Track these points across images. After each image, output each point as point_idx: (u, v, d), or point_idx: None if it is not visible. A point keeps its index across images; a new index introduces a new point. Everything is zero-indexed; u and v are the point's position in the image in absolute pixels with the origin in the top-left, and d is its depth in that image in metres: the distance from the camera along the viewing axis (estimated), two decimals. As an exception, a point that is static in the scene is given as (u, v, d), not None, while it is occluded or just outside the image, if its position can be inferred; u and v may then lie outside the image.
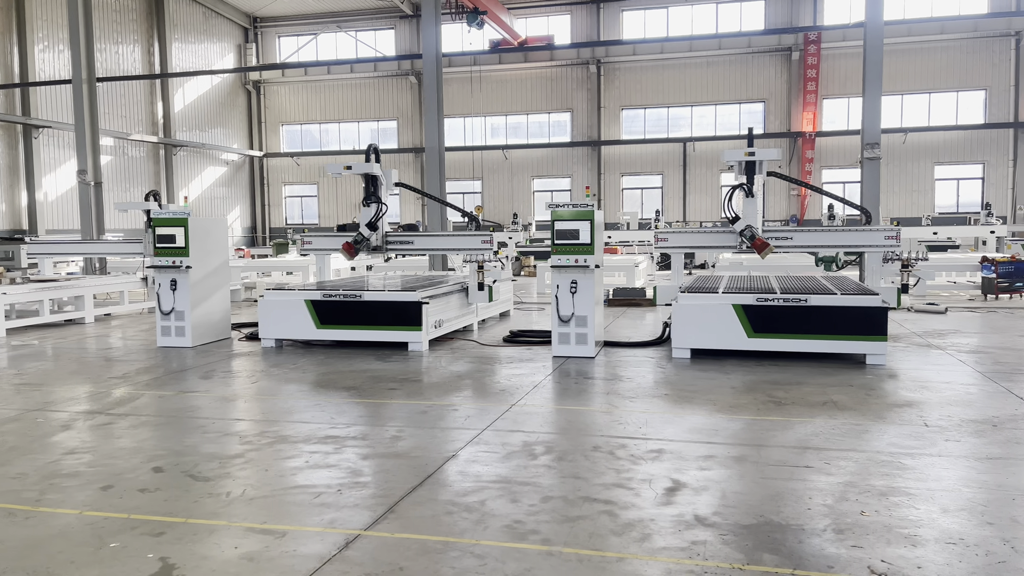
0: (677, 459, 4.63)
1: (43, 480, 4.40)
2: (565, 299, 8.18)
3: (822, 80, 29.58)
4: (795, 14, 29.68)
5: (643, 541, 3.46)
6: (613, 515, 3.76)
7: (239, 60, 35.06)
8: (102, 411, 6.07)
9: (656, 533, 3.54)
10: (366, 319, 8.90)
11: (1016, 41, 28.28)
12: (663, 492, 4.07)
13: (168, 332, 9.39)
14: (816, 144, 29.81)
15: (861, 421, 5.46)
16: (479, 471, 4.47)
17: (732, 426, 5.39)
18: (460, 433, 5.29)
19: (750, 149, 8.59)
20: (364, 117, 34.82)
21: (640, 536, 3.51)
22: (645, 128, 31.82)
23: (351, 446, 5.01)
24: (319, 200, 35.73)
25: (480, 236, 9.92)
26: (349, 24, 34.35)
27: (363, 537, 3.54)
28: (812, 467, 4.45)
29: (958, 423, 5.35)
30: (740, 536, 3.49)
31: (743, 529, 3.57)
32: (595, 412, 5.85)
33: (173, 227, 9.29)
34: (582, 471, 4.43)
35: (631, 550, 3.37)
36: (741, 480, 4.25)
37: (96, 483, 4.34)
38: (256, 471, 4.52)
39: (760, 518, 3.70)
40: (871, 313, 7.54)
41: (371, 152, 9.87)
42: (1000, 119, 28.77)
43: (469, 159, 33.22)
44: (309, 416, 5.84)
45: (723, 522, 3.65)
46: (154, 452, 4.92)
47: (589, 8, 31.57)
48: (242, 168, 35.65)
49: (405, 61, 33.06)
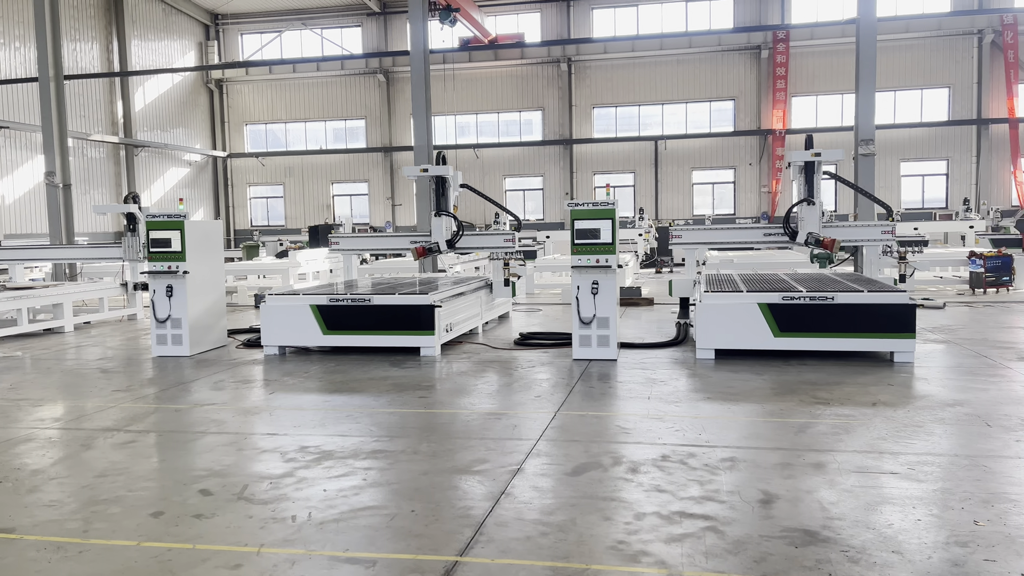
0: (754, 467, 4.44)
1: (83, 507, 4.04)
2: (586, 300, 7.97)
3: (791, 78, 29.86)
4: (763, 13, 29.91)
5: (761, 561, 3.25)
6: (719, 532, 3.55)
7: (201, 58, 34.20)
8: (118, 428, 5.68)
9: (772, 553, 3.33)
10: (375, 324, 8.58)
11: (978, 39, 28.87)
12: (758, 504, 3.87)
13: (164, 341, 8.95)
14: (786, 141, 30.08)
15: (921, 422, 5.33)
16: (554, 487, 4.23)
17: (790, 430, 5.23)
18: (514, 444, 5.03)
19: (816, 150, 8.56)
20: (331, 116, 34.23)
21: (758, 556, 3.30)
22: (616, 126, 31.81)
23: (404, 460, 4.72)
24: (285, 201, 35.03)
25: (503, 235, 10.11)
26: (314, 21, 33.73)
27: (463, 565, 3.27)
28: (897, 473, 4.30)
29: (1019, 423, 5.26)
30: (863, 552, 3.30)
31: (861, 544, 3.38)
32: (645, 418, 5.64)
33: (169, 230, 8.86)
34: (663, 483, 4.21)
35: (754, 573, 3.16)
36: (832, 489, 4.07)
37: (143, 509, 4.00)
38: (314, 491, 4.22)
39: (873, 531, 3.52)
40: (899, 310, 7.46)
41: (441, 157, 10.35)
42: (963, 116, 29.35)
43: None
44: (345, 428, 5.53)
45: (836, 536, 3.47)
46: (193, 473, 4.58)
47: (559, 6, 31.44)
48: (205, 169, 34.79)
49: (373, 59, 32.57)
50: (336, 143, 34.53)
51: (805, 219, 8.74)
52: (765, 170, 30.61)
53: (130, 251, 12.56)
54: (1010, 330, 9.46)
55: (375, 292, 8.72)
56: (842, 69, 29.73)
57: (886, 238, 9.73)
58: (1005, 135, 28.92)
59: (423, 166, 9.99)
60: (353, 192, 34.45)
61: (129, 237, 12.58)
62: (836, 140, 29.76)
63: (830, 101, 30.21)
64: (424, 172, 9.95)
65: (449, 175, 9.98)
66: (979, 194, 29.22)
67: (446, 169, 9.98)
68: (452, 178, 10.04)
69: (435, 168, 10.01)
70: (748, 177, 30.93)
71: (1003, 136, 28.99)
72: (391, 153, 33.54)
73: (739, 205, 31.07)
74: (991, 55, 28.89)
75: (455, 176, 10.11)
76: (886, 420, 5.41)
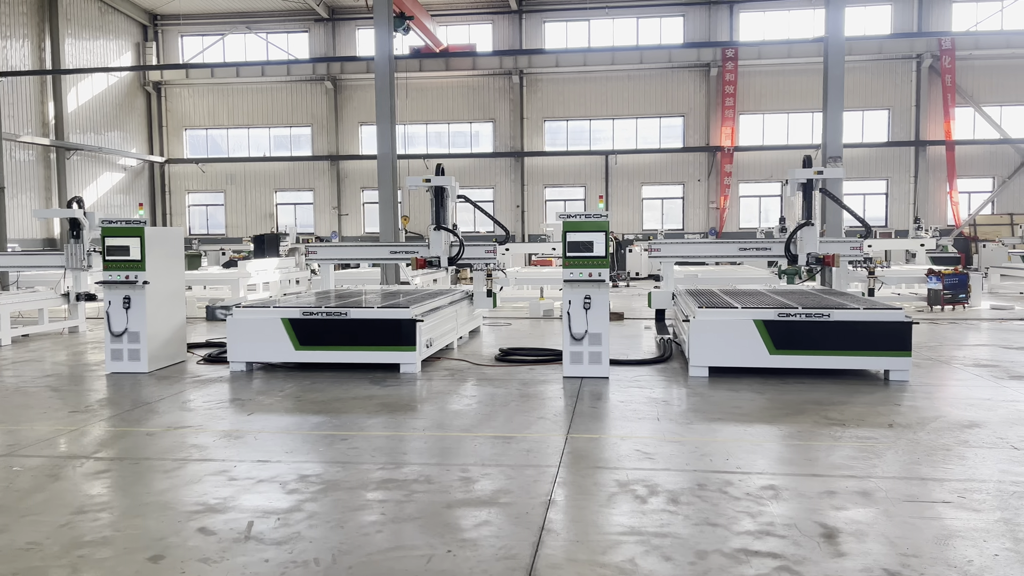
0: (799, 496, 4.18)
1: (66, 551, 3.53)
2: (578, 316, 7.66)
3: (739, 96, 30.29)
4: (713, 32, 30.33)
5: (853, 605, 2.97)
6: (795, 572, 3.25)
7: (138, 59, 32.95)
8: (86, 455, 5.12)
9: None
10: (352, 339, 8.10)
11: (917, 63, 29.79)
12: (822, 540, 3.60)
13: (120, 356, 8.29)
14: (734, 158, 30.48)
15: (947, 445, 5.17)
16: (595, 520, 3.88)
17: (820, 453, 5.00)
18: (534, 472, 4.67)
19: (818, 168, 8.54)
20: (275, 123, 33.32)
21: (848, 599, 3.02)
22: (567, 140, 31.77)
23: (422, 491, 4.32)
24: (226, 209, 33.91)
25: (484, 246, 10.10)
26: (259, 25, 32.85)
27: (529, 617, 2.91)
28: (950, 502, 4.09)
29: (1045, 445, 5.15)
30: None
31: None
32: (663, 441, 5.34)
33: (127, 237, 8.23)
34: (711, 516, 3.91)
35: (854, 619, 2.87)
36: (890, 521, 3.82)
37: (138, 552, 3.51)
38: (330, 529, 3.78)
39: (955, 569, 3.28)
40: (895, 328, 7.37)
41: (439, 168, 10.11)
42: (903, 137, 30.21)
43: (388, 168, 32.21)
44: (342, 454, 5.08)
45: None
46: (185, 508, 4.09)
47: (511, 18, 31.30)
48: (141, 174, 33.45)
49: (320, 65, 31.86)
50: (280, 150, 33.62)
51: (804, 239, 8.67)
52: (714, 186, 30.94)
53: (73, 259, 11.79)
54: (986, 347, 9.52)
55: (353, 305, 8.26)
56: (788, 89, 30.39)
57: (855, 253, 9.97)
58: (942, 157, 29.87)
59: (425, 176, 9.72)
60: (298, 201, 33.57)
61: (72, 244, 11.80)
62: (784, 158, 30.42)
63: (776, 120, 30.75)
64: (427, 182, 9.73)
65: (449, 185, 9.76)
66: (917, 213, 30.06)
67: (448, 180, 9.77)
68: (451, 189, 9.83)
69: (436, 179, 9.78)
70: (697, 193, 31.22)
71: (940, 158, 29.93)
72: (338, 161, 32.82)
73: (688, 220, 31.32)
74: (929, 79, 29.83)
75: (454, 186, 9.89)
76: (910, 443, 5.23)
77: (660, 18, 30.80)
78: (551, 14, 31.26)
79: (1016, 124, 29.85)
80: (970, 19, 29.51)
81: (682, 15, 30.63)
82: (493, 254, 10.05)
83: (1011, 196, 30.15)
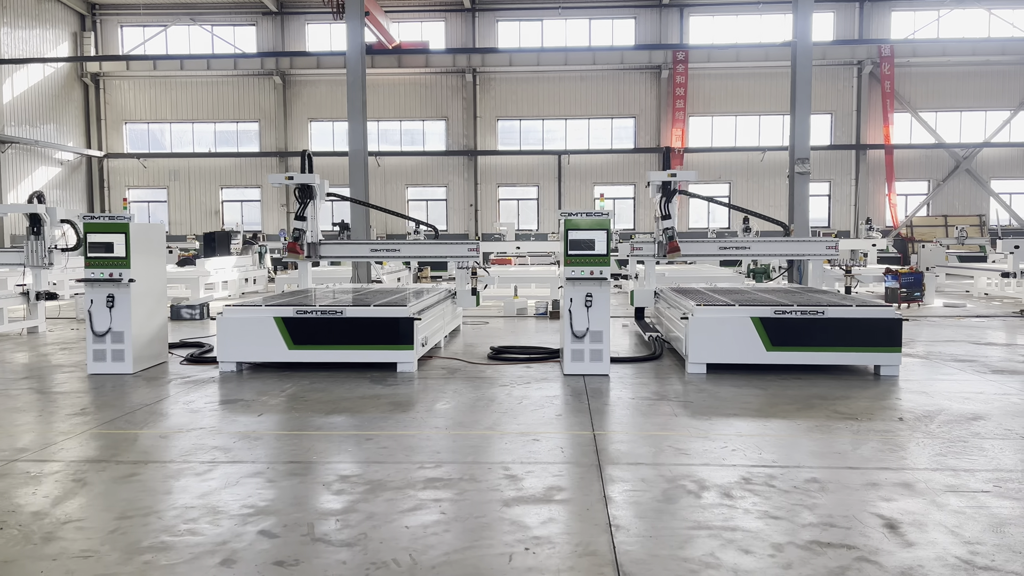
0: (846, 489, 4.28)
1: (127, 557, 3.38)
2: (579, 313, 7.69)
3: (690, 98, 30.81)
4: (664, 34, 30.77)
5: (940, 592, 3.06)
6: (875, 563, 3.33)
7: (75, 50, 31.74)
8: (105, 459, 4.91)
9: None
10: (347, 338, 7.96)
11: (858, 70, 30.78)
12: (887, 531, 3.69)
13: (102, 357, 7.98)
14: (684, 160, 30.98)
15: (962, 437, 5.35)
16: (659, 516, 3.90)
17: (846, 447, 5.13)
18: (577, 470, 4.67)
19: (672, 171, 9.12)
20: (222, 118, 32.50)
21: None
22: (521, 139, 31.83)
23: (472, 490, 4.27)
24: (170, 206, 32.93)
25: (466, 244, 10.12)
26: (204, 18, 31.99)
27: (637, 612, 2.91)
28: (989, 491, 4.25)
29: (1052, 435, 5.38)
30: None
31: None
32: (691, 437, 5.40)
33: (111, 234, 7.93)
34: (769, 509, 3.98)
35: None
36: (942, 511, 3.94)
37: (205, 556, 3.39)
38: (394, 529, 3.71)
39: (1020, 554, 3.40)
40: (887, 324, 7.61)
41: (305, 159, 10.00)
42: (844, 141, 31.16)
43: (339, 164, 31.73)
44: (375, 455, 4.99)
45: (994, 564, 3.32)
46: (234, 511, 3.96)
47: (464, 16, 31.20)
48: (79, 169, 32.24)
49: (269, 60, 31.22)
50: (227, 146, 32.81)
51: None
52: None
53: (34, 256, 11.33)
54: (956, 343, 9.89)
55: (348, 304, 8.12)
56: (736, 92, 31.03)
57: (830, 253, 10.35)
58: (881, 160, 30.92)
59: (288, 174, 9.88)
60: (245, 198, 32.83)
61: (33, 241, 11.34)
62: (732, 160, 31.09)
63: (725, 122, 31.39)
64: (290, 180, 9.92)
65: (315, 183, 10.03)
66: (858, 215, 31.08)
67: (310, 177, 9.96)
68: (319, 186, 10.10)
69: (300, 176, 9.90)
70: (648, 193, 31.56)
71: (879, 161, 30.98)
72: (286, 158, 32.19)
73: (639, 221, 31.73)
74: (870, 85, 30.85)
75: (322, 184, 10.11)
76: (927, 436, 5.41)
77: (612, 20, 31.11)
78: (504, 13, 31.27)
79: (950, 129, 31.11)
80: (909, 27, 30.63)
81: (634, 17, 31.00)
82: (476, 252, 10.02)
83: (945, 199, 31.40)
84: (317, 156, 31.43)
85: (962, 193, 31.32)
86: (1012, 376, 7.63)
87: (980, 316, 13.06)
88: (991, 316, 13.04)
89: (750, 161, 31.18)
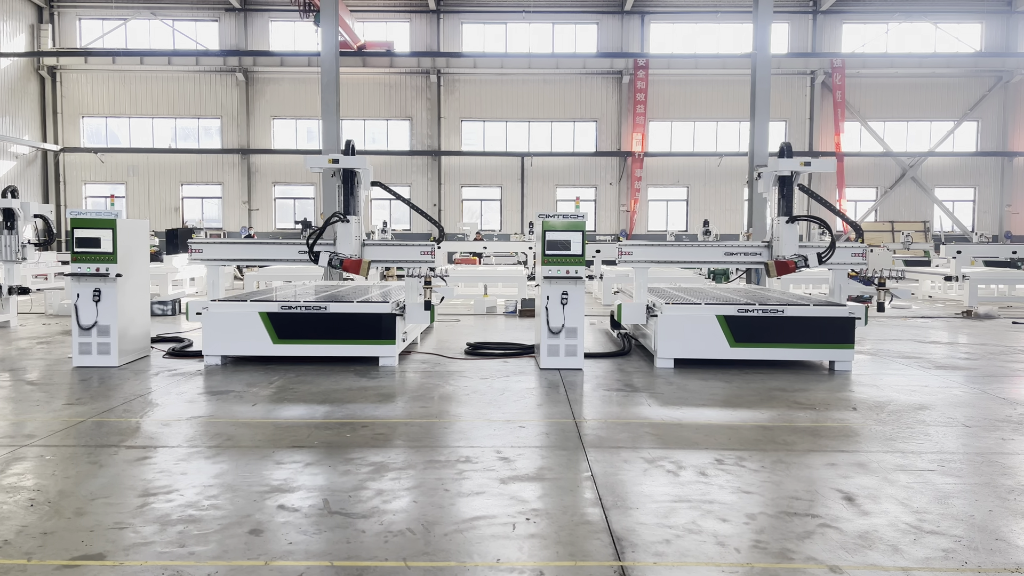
0: (808, 468, 4.73)
1: (162, 528, 3.67)
2: (556, 311, 8.08)
3: (650, 104, 31.49)
4: (625, 40, 31.41)
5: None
6: (838, 529, 3.77)
7: (32, 42, 31.22)
8: (113, 444, 5.15)
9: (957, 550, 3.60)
10: (330, 333, 8.25)
11: (811, 79, 31.81)
12: (846, 502, 4.14)
13: (88, 350, 8.14)
14: (644, 163, 31.66)
15: (910, 424, 5.87)
16: (641, 491, 4.30)
17: (806, 435, 5.59)
18: (562, 454, 5.05)
19: (805, 159, 8.77)
20: (183, 113, 32.26)
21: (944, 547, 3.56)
22: (484, 141, 32.19)
23: (470, 470, 4.62)
24: (127, 201, 32.57)
25: (420, 247, 8.66)
26: (166, 12, 31.73)
27: (633, 569, 3.29)
28: (934, 470, 4.73)
29: (991, 423, 5.91)
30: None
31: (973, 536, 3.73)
32: (665, 424, 5.82)
33: (98, 229, 8.10)
34: (741, 485, 4.40)
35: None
36: (893, 486, 4.41)
37: (234, 526, 3.69)
38: (405, 504, 4.05)
39: (961, 521, 3.87)
40: (841, 323, 8.14)
41: (350, 147, 8.79)
42: (798, 148, 32.01)
43: (301, 163, 31.78)
44: (373, 440, 5.31)
45: (939, 529, 3.79)
46: (254, 488, 4.25)
47: (429, 17, 31.46)
48: (34, 163, 31.72)
49: (232, 57, 31.08)
50: (187, 142, 32.58)
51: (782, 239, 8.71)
52: (624, 190, 32.05)
53: (7, 251, 11.36)
54: (902, 342, 10.52)
55: (331, 299, 8.40)
56: (695, 99, 31.82)
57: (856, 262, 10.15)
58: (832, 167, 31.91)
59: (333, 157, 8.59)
60: (206, 195, 32.63)
61: (6, 235, 11.36)
62: (690, 165, 31.84)
63: (683, 127, 32.14)
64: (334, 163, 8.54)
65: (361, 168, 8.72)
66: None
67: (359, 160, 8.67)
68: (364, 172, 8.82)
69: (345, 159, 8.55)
70: (608, 196, 32.26)
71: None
72: (248, 155, 32.10)
73: (600, 223, 32.31)
74: (822, 95, 31.90)
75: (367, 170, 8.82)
76: (878, 423, 5.91)
77: (575, 24, 31.65)
78: (469, 15, 31.60)
79: (898, 139, 32.33)
80: (859, 40, 31.73)
81: (596, 23, 31.59)
82: (430, 256, 8.60)
83: (892, 205, 32.60)
84: (279, 154, 31.55)
85: (908, 200, 32.55)
86: (954, 371, 8.23)
87: (925, 317, 13.80)
88: (935, 317, 13.79)
89: (707, 166, 31.99)
